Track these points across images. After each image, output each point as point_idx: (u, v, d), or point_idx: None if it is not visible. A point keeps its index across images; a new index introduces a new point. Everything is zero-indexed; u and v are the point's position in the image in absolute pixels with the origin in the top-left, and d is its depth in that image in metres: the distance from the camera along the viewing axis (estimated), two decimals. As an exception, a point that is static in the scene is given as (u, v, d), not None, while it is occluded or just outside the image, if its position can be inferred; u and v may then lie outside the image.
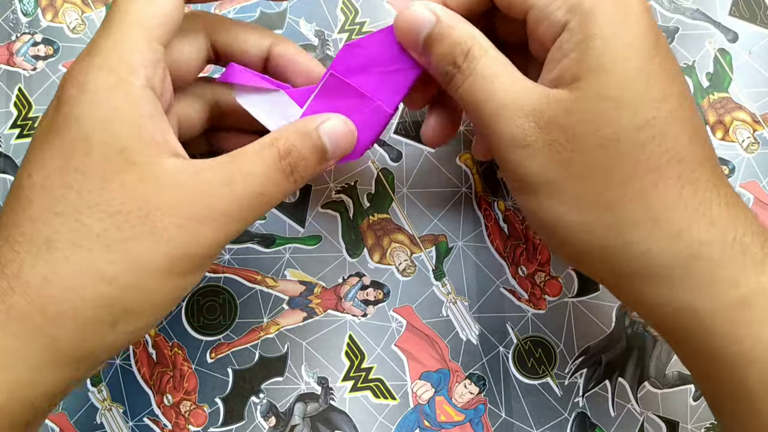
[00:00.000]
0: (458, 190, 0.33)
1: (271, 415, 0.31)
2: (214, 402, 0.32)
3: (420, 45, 0.24)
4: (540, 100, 0.23)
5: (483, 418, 0.31)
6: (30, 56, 0.34)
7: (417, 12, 0.24)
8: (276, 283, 0.33)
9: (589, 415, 0.31)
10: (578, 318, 0.32)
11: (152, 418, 0.32)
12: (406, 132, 0.34)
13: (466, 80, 0.24)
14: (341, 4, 0.35)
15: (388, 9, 0.35)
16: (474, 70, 0.23)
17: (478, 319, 0.32)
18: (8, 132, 0.34)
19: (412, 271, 0.32)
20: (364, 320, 0.32)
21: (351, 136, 0.25)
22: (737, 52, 0.34)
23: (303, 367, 0.32)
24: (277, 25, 0.35)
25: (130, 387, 0.32)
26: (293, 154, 0.23)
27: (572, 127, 0.22)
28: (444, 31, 0.24)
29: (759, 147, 0.33)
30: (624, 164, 0.22)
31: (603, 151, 0.22)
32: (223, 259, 0.33)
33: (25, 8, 0.35)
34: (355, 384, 0.32)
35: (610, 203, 0.22)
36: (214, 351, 0.32)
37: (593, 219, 0.23)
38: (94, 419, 0.32)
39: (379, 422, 0.31)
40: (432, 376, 0.32)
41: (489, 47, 0.24)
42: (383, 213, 0.33)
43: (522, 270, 0.32)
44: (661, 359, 0.32)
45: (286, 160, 0.23)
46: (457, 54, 0.24)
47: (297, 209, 0.33)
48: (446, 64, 0.24)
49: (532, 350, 0.32)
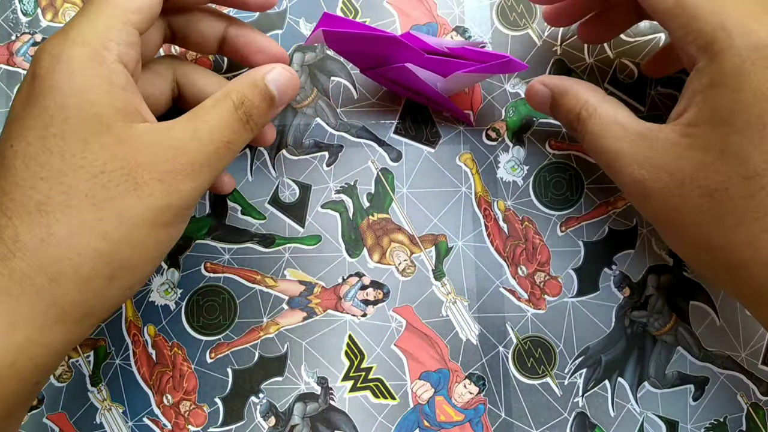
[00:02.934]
0: (458, 190, 0.33)
1: (271, 415, 0.31)
2: (214, 402, 0.32)
3: (548, 111, 0.29)
4: (650, 147, 0.24)
5: (482, 418, 0.31)
6: (30, 56, 0.34)
7: (536, 88, 0.29)
8: (276, 283, 0.32)
9: (588, 415, 0.31)
10: (578, 318, 0.32)
11: (152, 418, 0.32)
12: (406, 132, 0.34)
13: (584, 138, 0.27)
14: (341, 3, 0.35)
15: (388, 9, 0.35)
16: (586, 129, 0.27)
17: (478, 319, 0.32)
18: (8, 132, 0.34)
19: (412, 271, 0.32)
20: (364, 320, 0.32)
21: (294, 82, 0.27)
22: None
23: (303, 367, 0.32)
24: (277, 25, 0.35)
25: (130, 387, 0.32)
26: (246, 104, 0.25)
27: (680, 174, 0.24)
28: (558, 102, 0.28)
29: None
30: (732, 212, 0.23)
31: (710, 199, 0.23)
32: (222, 259, 0.33)
33: (25, 8, 0.35)
34: (354, 384, 0.32)
35: (722, 247, 0.24)
36: (214, 351, 0.32)
37: (710, 258, 0.25)
38: (94, 419, 0.32)
39: (379, 422, 0.31)
40: (432, 376, 0.32)
41: (598, 104, 0.26)
42: (383, 213, 0.33)
43: (522, 270, 0.32)
44: (661, 359, 0.32)
45: (241, 109, 0.25)
46: (571, 119, 0.28)
47: (297, 209, 0.33)
48: (568, 127, 0.29)
49: (532, 350, 0.32)
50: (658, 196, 0.24)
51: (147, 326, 0.32)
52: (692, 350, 0.32)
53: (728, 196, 0.23)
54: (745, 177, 0.22)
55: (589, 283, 0.32)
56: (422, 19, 0.34)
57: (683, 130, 0.24)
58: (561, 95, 0.28)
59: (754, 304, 0.25)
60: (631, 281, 0.32)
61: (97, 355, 0.32)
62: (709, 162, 0.23)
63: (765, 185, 0.22)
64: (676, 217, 0.24)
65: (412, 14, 0.34)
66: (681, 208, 0.24)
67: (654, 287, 0.32)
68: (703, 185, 0.23)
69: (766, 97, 0.22)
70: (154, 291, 0.32)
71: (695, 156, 0.23)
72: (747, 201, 0.22)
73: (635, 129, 0.25)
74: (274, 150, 0.33)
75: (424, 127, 0.33)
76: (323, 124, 0.34)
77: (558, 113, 0.29)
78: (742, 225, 0.23)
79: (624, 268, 0.32)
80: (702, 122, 0.23)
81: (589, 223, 0.33)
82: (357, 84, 0.34)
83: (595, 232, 0.33)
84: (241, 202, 0.33)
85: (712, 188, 0.23)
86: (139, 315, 0.32)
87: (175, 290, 0.32)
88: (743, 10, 0.23)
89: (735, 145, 0.22)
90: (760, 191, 0.22)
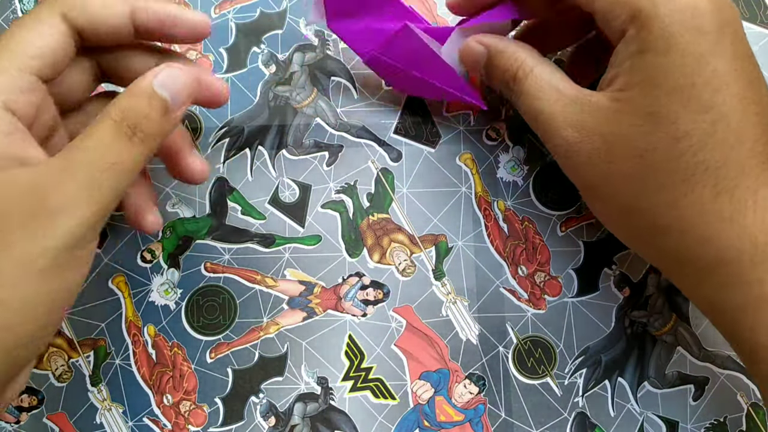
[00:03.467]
0: (458, 190, 0.33)
1: (271, 415, 0.31)
2: (214, 402, 0.32)
3: (483, 72, 0.29)
4: (582, 110, 0.25)
5: (483, 418, 0.31)
6: (30, 56, 0.34)
7: (471, 46, 0.29)
8: (276, 282, 0.32)
9: (588, 415, 0.31)
10: (578, 318, 0.32)
11: (152, 418, 0.32)
12: (406, 132, 0.34)
13: (519, 99, 0.27)
14: (341, 4, 0.35)
15: (388, 9, 0.35)
16: (522, 90, 0.27)
17: (478, 319, 0.32)
18: (8, 132, 0.34)
19: (412, 271, 0.32)
20: (364, 320, 0.32)
21: (187, 79, 0.24)
22: (737, 52, 0.34)
23: (303, 367, 0.32)
24: (277, 25, 0.35)
25: (130, 387, 0.32)
26: (129, 116, 0.22)
27: (611, 136, 0.24)
28: (494, 60, 0.28)
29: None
30: (658, 174, 0.23)
31: (639, 161, 0.23)
32: (223, 259, 0.33)
33: (25, 8, 0.35)
34: (354, 384, 0.32)
35: (644, 210, 0.24)
36: (214, 351, 0.32)
37: (631, 222, 0.25)
38: (94, 419, 0.32)
39: (379, 422, 0.31)
40: (432, 376, 0.32)
41: (535, 65, 0.26)
42: (383, 213, 0.33)
43: (522, 270, 0.32)
44: (661, 359, 0.32)
45: (123, 123, 0.22)
46: (507, 78, 0.27)
47: (297, 209, 0.33)
48: (503, 86, 0.28)
49: (532, 350, 0.32)
50: (589, 159, 0.25)
51: (147, 326, 0.32)
52: (692, 350, 0.32)
53: (656, 157, 0.23)
54: (674, 138, 0.23)
55: (589, 283, 0.32)
56: (422, 19, 0.34)
57: (614, 95, 0.24)
58: (497, 54, 0.28)
59: (671, 272, 0.26)
60: (631, 281, 0.32)
61: (97, 355, 0.32)
62: (638, 124, 0.23)
63: (693, 145, 0.22)
64: (605, 180, 0.25)
65: (412, 14, 0.34)
66: (611, 172, 0.24)
67: (654, 287, 0.32)
68: (633, 147, 0.23)
69: (694, 57, 0.22)
70: (154, 291, 0.32)
71: (625, 119, 0.23)
72: (675, 162, 0.23)
73: (570, 92, 0.25)
74: (274, 150, 0.33)
75: (424, 127, 0.33)
76: (323, 124, 0.34)
77: (493, 72, 0.28)
78: (667, 187, 0.23)
79: (624, 268, 0.32)
80: (631, 87, 0.23)
81: (589, 223, 0.33)
82: (357, 84, 0.34)
83: (595, 232, 0.33)
84: (241, 202, 0.33)
85: (642, 149, 0.23)
86: (139, 315, 0.32)
87: (175, 290, 0.32)
88: None
89: (664, 107, 0.23)
90: (687, 151, 0.22)
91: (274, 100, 0.34)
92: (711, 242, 0.23)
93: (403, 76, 0.31)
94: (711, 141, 0.22)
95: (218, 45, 0.34)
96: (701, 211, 0.23)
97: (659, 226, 0.24)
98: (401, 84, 0.32)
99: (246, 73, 0.34)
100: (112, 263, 0.33)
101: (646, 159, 0.23)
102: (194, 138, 0.33)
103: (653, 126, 0.23)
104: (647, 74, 0.23)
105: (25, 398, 0.32)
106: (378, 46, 0.31)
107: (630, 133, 0.23)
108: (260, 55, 0.34)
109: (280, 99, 0.34)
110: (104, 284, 0.32)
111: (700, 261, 0.23)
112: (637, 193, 0.24)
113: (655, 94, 0.23)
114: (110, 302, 0.32)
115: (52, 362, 0.32)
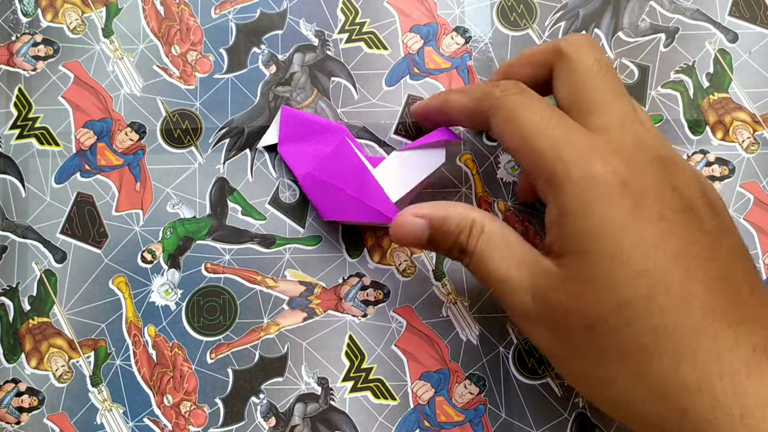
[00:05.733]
0: (458, 190, 0.33)
1: (271, 416, 0.31)
2: (214, 402, 0.32)
3: (425, 246, 0.27)
4: (535, 274, 0.23)
5: (483, 419, 0.31)
6: (30, 56, 0.34)
7: (407, 222, 0.26)
8: (276, 283, 0.33)
9: (589, 416, 0.31)
10: (578, 318, 0.32)
11: (152, 419, 0.32)
12: (405, 132, 0.34)
13: (471, 260, 0.25)
14: (341, 4, 0.35)
15: (388, 9, 0.35)
16: (474, 251, 0.25)
17: (478, 319, 0.32)
18: (8, 132, 0.34)
19: (412, 272, 0.32)
20: (364, 320, 0.32)
21: None
22: (737, 52, 0.34)
23: (303, 367, 0.32)
24: (277, 25, 0.35)
25: (131, 387, 0.32)
26: None
27: (562, 304, 0.23)
28: (441, 228, 0.26)
29: (759, 147, 0.33)
30: (616, 343, 0.21)
31: (593, 332, 0.22)
32: (223, 260, 0.33)
33: (25, 8, 0.35)
34: (355, 384, 0.32)
35: (612, 380, 0.22)
36: (214, 351, 0.32)
37: (603, 394, 0.23)
38: (94, 420, 0.32)
39: (379, 422, 0.31)
40: (432, 376, 0.32)
41: (483, 226, 0.25)
42: (383, 213, 0.33)
43: (522, 270, 0.32)
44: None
45: None
46: (460, 242, 0.25)
47: (297, 210, 0.33)
48: (453, 253, 0.26)
49: (533, 350, 0.32)
50: (544, 326, 0.23)
51: (147, 327, 0.32)
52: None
53: (609, 327, 0.21)
54: (618, 305, 0.21)
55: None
56: (422, 19, 0.34)
57: (556, 261, 0.23)
58: (443, 222, 0.26)
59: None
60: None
61: (97, 356, 0.32)
62: (582, 292, 0.22)
63: (639, 312, 0.21)
64: (564, 349, 0.23)
65: (412, 14, 0.34)
66: (568, 339, 0.23)
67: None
68: (583, 317, 0.22)
69: (614, 222, 0.21)
70: (155, 291, 0.32)
71: (570, 288, 0.22)
72: (626, 331, 0.21)
73: (520, 253, 0.24)
74: (274, 150, 0.33)
75: (424, 128, 0.33)
76: (323, 125, 0.34)
77: (441, 241, 0.26)
78: (628, 357, 0.21)
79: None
80: (566, 253, 0.23)
81: (589, 224, 0.33)
82: (357, 84, 0.34)
83: (595, 233, 0.33)
84: (241, 202, 0.33)
85: (592, 319, 0.22)
86: (139, 315, 0.32)
87: (176, 291, 0.32)
88: (579, 145, 0.23)
89: (601, 275, 0.21)
90: (635, 319, 0.21)
91: (275, 101, 0.34)
92: (688, 414, 0.20)
93: (332, 195, 0.31)
94: (654, 307, 0.21)
95: (218, 45, 0.34)
96: (670, 380, 0.21)
97: (635, 398, 0.22)
98: (330, 208, 0.31)
99: (246, 73, 0.34)
100: (113, 264, 0.33)
101: (598, 329, 0.22)
102: (194, 138, 0.34)
103: (595, 294, 0.22)
104: (575, 240, 0.22)
105: (26, 399, 0.32)
106: (315, 165, 0.31)
107: (577, 303, 0.22)
108: (260, 55, 0.34)
109: (281, 99, 0.34)
110: (105, 285, 0.32)
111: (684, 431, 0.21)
112: (599, 363, 0.22)
113: (589, 261, 0.22)
114: (111, 303, 0.32)
115: (52, 363, 0.32)
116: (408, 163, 0.30)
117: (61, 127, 0.34)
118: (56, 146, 0.34)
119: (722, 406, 0.20)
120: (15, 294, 0.33)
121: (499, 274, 0.24)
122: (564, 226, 0.23)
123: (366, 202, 0.30)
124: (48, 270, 0.33)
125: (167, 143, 0.34)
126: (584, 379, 0.24)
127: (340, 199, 0.30)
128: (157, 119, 0.34)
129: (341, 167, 0.31)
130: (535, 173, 0.24)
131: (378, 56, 0.34)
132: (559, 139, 0.23)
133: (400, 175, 0.30)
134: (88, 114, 0.34)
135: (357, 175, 0.30)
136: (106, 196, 0.33)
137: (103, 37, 0.35)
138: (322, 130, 0.32)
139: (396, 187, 0.30)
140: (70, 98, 0.34)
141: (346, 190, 0.30)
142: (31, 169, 0.33)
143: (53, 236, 0.33)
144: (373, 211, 0.30)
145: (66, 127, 0.34)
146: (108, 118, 0.34)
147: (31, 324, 0.32)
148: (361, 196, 0.30)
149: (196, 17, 0.35)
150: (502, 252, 0.25)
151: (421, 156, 0.30)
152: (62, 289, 0.33)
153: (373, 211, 0.30)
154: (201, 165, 0.33)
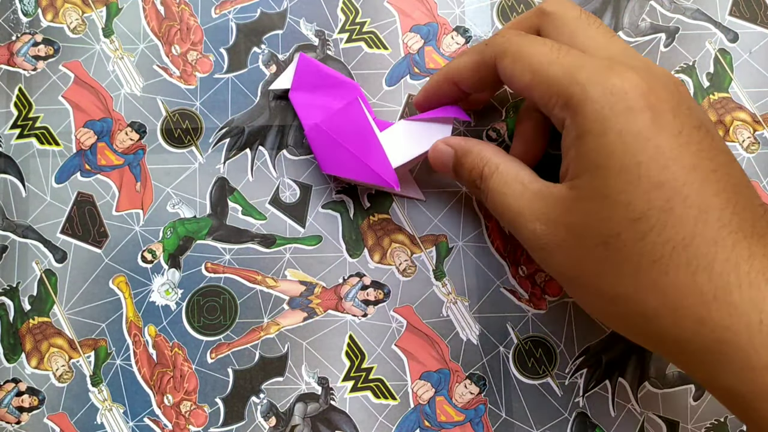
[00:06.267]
0: (458, 190, 0.33)
1: (272, 415, 0.31)
2: (215, 402, 0.32)
3: (451, 173, 0.29)
4: (546, 203, 0.24)
5: (483, 418, 0.31)
6: (30, 56, 0.35)
7: (439, 148, 0.29)
8: (276, 283, 0.33)
9: (589, 415, 0.31)
10: (578, 318, 0.32)
11: (153, 419, 0.32)
12: (406, 132, 0.34)
13: (486, 196, 0.27)
14: (341, 4, 0.35)
15: (388, 8, 0.35)
16: (488, 188, 0.27)
17: (479, 319, 0.32)
18: (8, 132, 0.34)
19: (413, 271, 0.32)
20: (365, 320, 0.32)
21: None
22: (737, 52, 0.34)
23: (303, 367, 0.32)
24: (277, 25, 0.35)
25: (131, 387, 0.32)
26: None
27: (575, 226, 0.23)
28: (461, 160, 0.28)
29: (759, 147, 0.33)
30: (629, 258, 0.22)
31: (606, 248, 0.22)
32: (223, 260, 0.33)
33: (26, 8, 0.35)
34: (355, 384, 0.32)
35: (627, 296, 0.22)
36: (215, 351, 0.32)
37: (619, 311, 0.23)
38: (95, 419, 0.32)
39: (380, 422, 0.31)
40: (432, 376, 0.32)
41: (500, 163, 0.27)
42: (383, 213, 0.33)
43: (522, 270, 0.32)
44: (661, 359, 0.32)
45: None
46: (474, 177, 0.28)
47: (297, 209, 0.33)
48: (470, 186, 0.28)
49: (533, 350, 0.32)
50: (559, 250, 0.24)
51: (148, 326, 0.32)
52: (693, 350, 0.32)
53: (622, 242, 0.22)
54: (633, 219, 0.22)
55: (590, 283, 0.32)
56: (422, 19, 0.34)
57: (570, 184, 0.24)
58: (464, 154, 0.28)
59: (674, 357, 0.23)
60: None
61: (97, 356, 0.32)
62: (596, 210, 0.22)
63: (654, 225, 0.21)
64: (579, 270, 0.24)
65: (412, 14, 0.34)
66: (582, 261, 0.23)
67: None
68: (597, 234, 0.22)
69: (633, 136, 0.22)
70: (155, 291, 0.32)
71: (584, 207, 0.23)
72: (640, 244, 0.22)
73: (534, 186, 0.25)
74: (274, 150, 0.33)
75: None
76: (324, 125, 0.34)
77: (461, 172, 0.29)
78: (641, 270, 0.22)
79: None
80: (581, 173, 0.23)
81: (589, 223, 0.33)
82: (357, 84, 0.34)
83: (595, 232, 0.33)
84: (241, 202, 0.33)
85: (606, 236, 0.22)
86: (139, 315, 0.32)
87: (176, 290, 0.32)
88: (594, 65, 0.23)
89: (616, 189, 0.22)
90: (650, 232, 0.21)
91: (275, 101, 0.34)
92: (705, 323, 0.21)
93: (335, 151, 0.31)
94: (671, 219, 0.21)
95: (219, 45, 0.34)
96: (685, 290, 0.21)
97: (649, 310, 0.22)
98: (331, 162, 0.31)
99: (246, 73, 0.34)
100: (113, 263, 0.33)
101: (612, 245, 0.22)
102: (195, 138, 0.34)
103: (610, 210, 0.22)
104: (591, 158, 0.22)
105: (26, 398, 0.32)
106: (323, 118, 0.31)
107: (591, 220, 0.23)
108: (261, 55, 0.34)
109: (281, 99, 0.34)
110: (105, 284, 0.32)
111: (696, 342, 0.21)
112: (614, 279, 0.23)
113: (604, 176, 0.22)
114: (111, 302, 0.32)
115: (52, 362, 0.32)
116: (414, 133, 0.31)
117: (62, 127, 0.34)
118: (56, 146, 0.34)
119: (740, 313, 0.20)
120: (15, 294, 0.33)
121: (512, 207, 0.25)
122: (580, 146, 0.23)
123: (367, 163, 0.30)
124: (48, 270, 0.33)
125: (167, 143, 0.34)
126: (599, 298, 0.24)
127: (342, 155, 0.31)
128: (158, 119, 0.34)
129: (349, 125, 0.31)
130: (549, 103, 0.24)
131: (378, 56, 0.34)
132: (571, 65, 0.23)
133: (404, 142, 0.31)
134: (88, 114, 0.34)
135: (363, 135, 0.31)
136: (107, 195, 0.33)
137: (104, 36, 0.35)
138: (335, 85, 0.32)
139: (398, 154, 0.31)
140: (71, 98, 0.34)
141: (349, 149, 0.30)
142: (32, 169, 0.33)
143: (53, 236, 0.33)
144: (372, 173, 0.30)
145: (66, 127, 0.34)
146: (108, 117, 0.34)
147: (31, 324, 0.32)
148: (364, 157, 0.30)
149: (197, 17, 0.35)
150: (516, 188, 0.26)
151: (428, 128, 0.31)
152: (62, 288, 0.33)
153: (373, 173, 0.30)
154: (201, 165, 0.33)
